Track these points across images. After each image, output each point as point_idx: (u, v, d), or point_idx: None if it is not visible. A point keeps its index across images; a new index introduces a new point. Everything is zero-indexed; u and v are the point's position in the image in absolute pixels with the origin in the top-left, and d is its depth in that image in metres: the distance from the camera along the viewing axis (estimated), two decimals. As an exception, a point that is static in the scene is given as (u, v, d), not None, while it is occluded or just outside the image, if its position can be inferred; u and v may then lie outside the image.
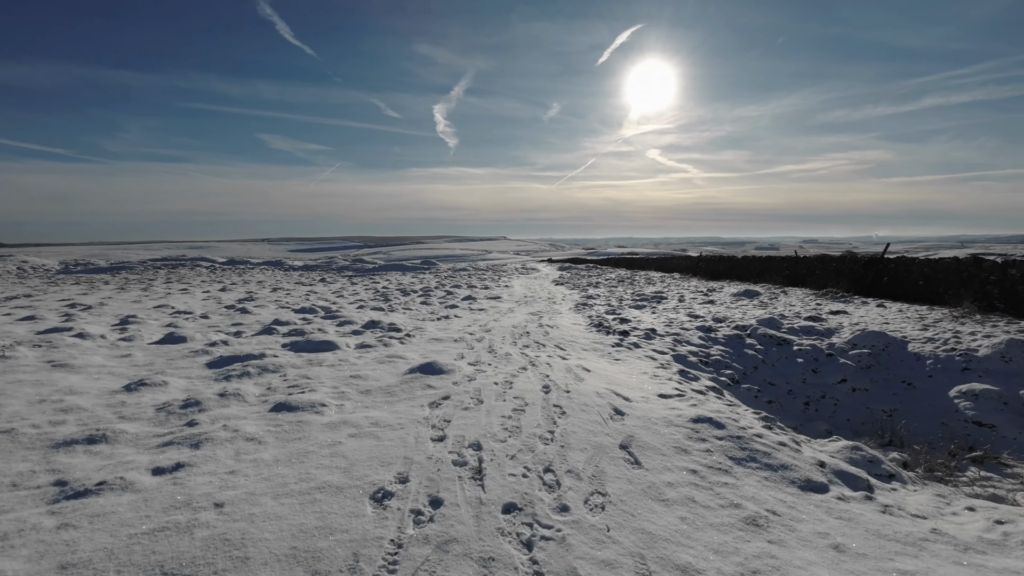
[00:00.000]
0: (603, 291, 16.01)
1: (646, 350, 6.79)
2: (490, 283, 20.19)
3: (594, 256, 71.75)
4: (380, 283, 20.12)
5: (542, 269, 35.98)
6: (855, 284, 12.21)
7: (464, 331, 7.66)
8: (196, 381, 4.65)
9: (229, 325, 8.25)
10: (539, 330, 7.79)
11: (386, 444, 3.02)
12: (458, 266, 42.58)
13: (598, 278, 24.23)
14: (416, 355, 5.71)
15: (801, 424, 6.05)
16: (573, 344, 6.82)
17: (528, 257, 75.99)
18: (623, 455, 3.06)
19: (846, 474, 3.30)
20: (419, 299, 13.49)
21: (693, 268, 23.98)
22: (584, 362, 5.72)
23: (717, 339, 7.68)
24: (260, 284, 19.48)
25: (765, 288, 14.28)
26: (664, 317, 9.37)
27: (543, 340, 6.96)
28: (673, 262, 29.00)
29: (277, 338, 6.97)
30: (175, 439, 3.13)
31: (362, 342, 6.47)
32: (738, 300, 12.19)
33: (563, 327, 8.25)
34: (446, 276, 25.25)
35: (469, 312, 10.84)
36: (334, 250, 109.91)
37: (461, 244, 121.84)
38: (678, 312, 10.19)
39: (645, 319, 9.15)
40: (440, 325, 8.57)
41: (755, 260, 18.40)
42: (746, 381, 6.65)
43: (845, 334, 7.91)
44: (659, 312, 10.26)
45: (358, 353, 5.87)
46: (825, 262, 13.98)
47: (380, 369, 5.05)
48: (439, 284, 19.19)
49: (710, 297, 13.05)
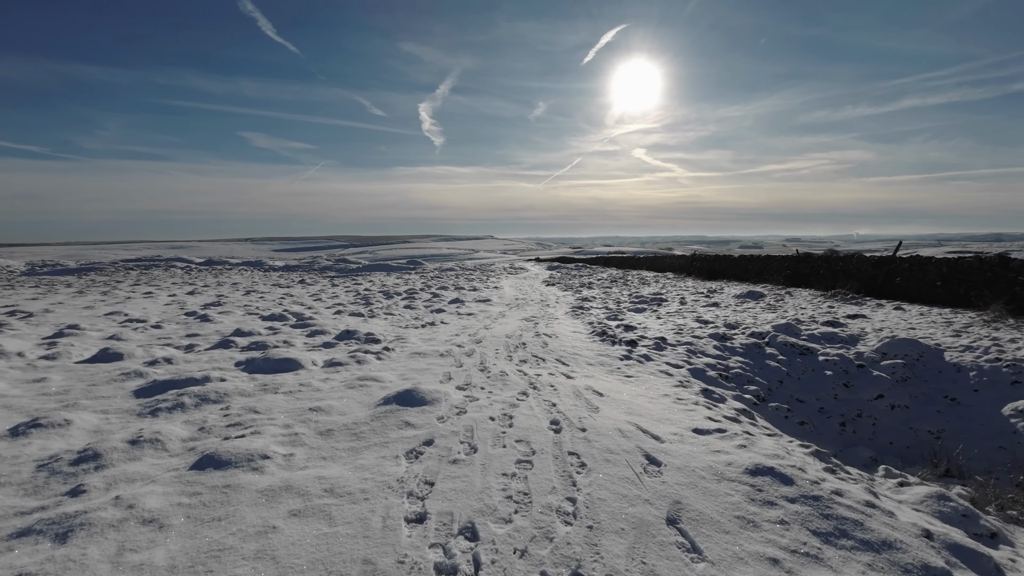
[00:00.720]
0: (598, 292, 15.21)
1: (659, 364, 5.97)
2: (478, 284, 19.27)
3: (582, 255, 71.19)
4: (363, 285, 19.06)
5: (531, 269, 35.17)
6: (865, 285, 11.57)
7: (451, 342, 6.75)
8: (111, 418, 3.67)
9: (182, 337, 7.21)
10: (536, 340, 6.91)
11: (340, 533, 2.11)
12: (445, 266, 41.50)
13: (590, 278, 23.46)
14: (394, 376, 4.79)
15: (842, 450, 5.28)
16: (576, 358, 5.96)
17: (516, 256, 75.03)
18: (675, 537, 2.20)
19: (960, 548, 2.49)
20: (403, 302, 12.52)
21: (687, 268, 23.33)
22: (593, 381, 4.86)
23: (734, 349, 6.89)
24: (234, 286, 18.28)
25: (768, 289, 13.61)
26: (671, 323, 8.56)
27: (542, 353, 6.09)
28: (666, 261, 28.36)
29: (233, 353, 5.99)
30: (36, 525, 2.19)
31: (332, 359, 5.52)
32: (743, 302, 11.47)
33: (562, 336, 7.39)
34: (432, 277, 24.25)
35: (457, 318, 9.93)
36: (319, 250, 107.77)
37: (448, 244, 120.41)
38: (683, 316, 9.41)
39: (651, 325, 8.33)
40: (425, 334, 7.64)
41: (754, 259, 17.76)
42: (773, 398, 5.86)
43: (871, 341, 7.19)
44: (663, 317, 9.47)
45: (325, 374, 4.92)
46: (831, 262, 13.34)
47: (348, 398, 4.12)
48: (425, 286, 18.21)
49: (712, 299, 12.32)
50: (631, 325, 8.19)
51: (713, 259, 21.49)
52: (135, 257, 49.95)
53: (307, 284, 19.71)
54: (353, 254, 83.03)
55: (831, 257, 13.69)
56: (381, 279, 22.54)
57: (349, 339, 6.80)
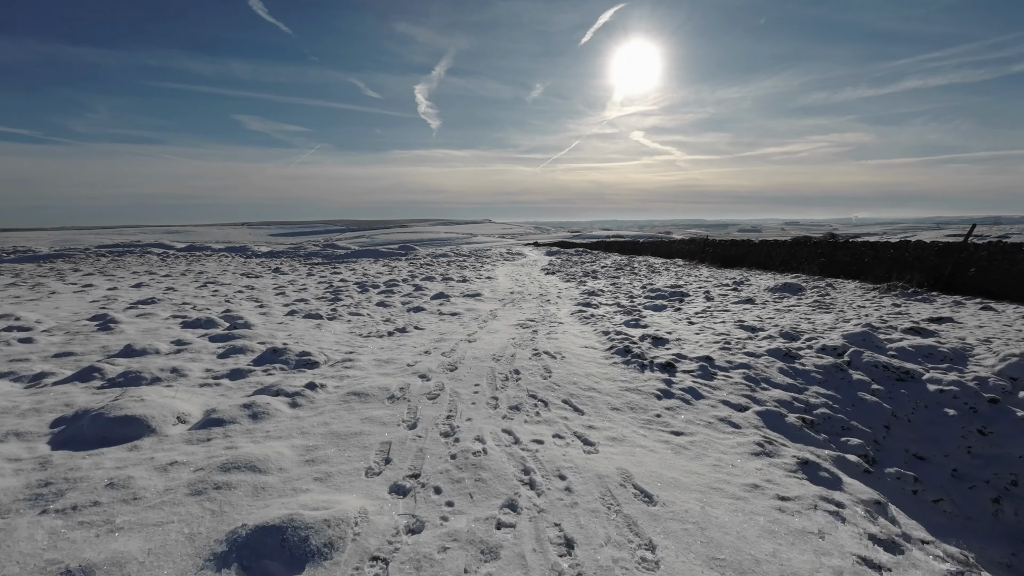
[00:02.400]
0: (604, 283, 13.29)
1: (714, 403, 4.09)
2: (470, 273, 17.30)
3: (580, 239, 68.95)
4: (342, 274, 17.10)
5: (529, 254, 33.19)
6: (927, 276, 9.67)
7: (416, 368, 4.85)
8: None
9: (42, 359, 5.29)
10: (535, 364, 5.01)
11: None
12: (439, 251, 39.39)
13: (592, 265, 21.53)
14: (288, 458, 2.86)
15: (1017, 552, 3.44)
16: (594, 398, 4.06)
17: (513, 240, 72.80)
18: None
19: None
20: (378, 297, 10.59)
21: (699, 253, 21.36)
22: (628, 457, 2.97)
23: (807, 373, 5.00)
24: (197, 276, 16.30)
25: (804, 280, 11.68)
26: (707, 330, 6.66)
27: (543, 390, 4.19)
28: (673, 246, 26.34)
29: (74, 395, 4.06)
30: None
31: (214, 409, 3.57)
32: (782, 298, 9.57)
33: (570, 354, 5.48)
34: (422, 264, 22.27)
35: (437, 320, 8.01)
36: (316, 234, 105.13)
37: (446, 228, 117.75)
38: (717, 318, 7.51)
39: (684, 335, 6.43)
40: (385, 351, 5.74)
41: (779, 245, 15.78)
42: (884, 457, 3.98)
43: (987, 359, 5.30)
44: (693, 320, 7.56)
45: (173, 454, 2.98)
46: (878, 249, 11.39)
47: (165, 546, 2.22)
48: (410, 275, 16.25)
49: (742, 293, 10.41)
50: (659, 336, 6.27)
51: (728, 244, 19.51)
52: (116, 243, 47.65)
53: (281, 273, 17.74)
54: (349, 239, 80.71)
55: (878, 244, 11.74)
56: (364, 267, 20.56)
57: (273, 363, 4.89)
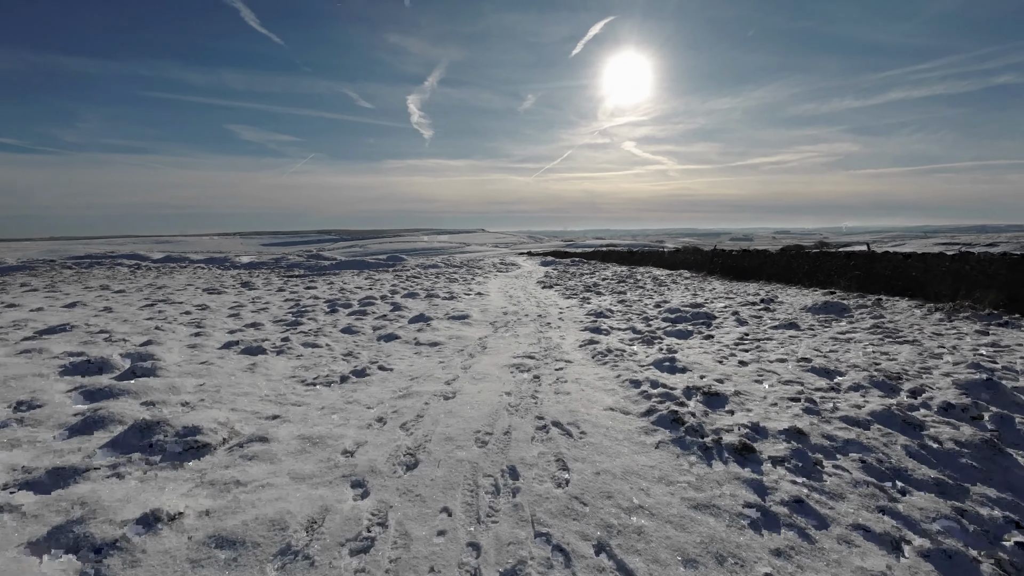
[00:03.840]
0: (610, 300, 11.63)
1: (848, 538, 2.42)
2: (459, 287, 15.58)
3: (574, 248, 67.43)
4: (317, 288, 15.33)
5: (523, 264, 31.54)
6: (1002, 295, 8.11)
7: (351, 464, 3.14)
8: None
9: None
10: (541, 451, 3.30)
11: None
12: (429, 262, 37.60)
13: (592, 277, 19.90)
14: None
15: None
16: (646, 534, 2.36)
17: (507, 250, 71.14)
18: None
19: None
20: (347, 320, 8.85)
21: (707, 264, 19.79)
22: None
23: (950, 456, 3.33)
24: (153, 292, 14.43)
25: (842, 297, 10.09)
26: (771, 376, 4.99)
27: (558, 518, 2.49)
28: (678, 256, 24.79)
29: None
30: None
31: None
32: (829, 321, 7.97)
33: (591, 426, 3.77)
34: (408, 277, 20.51)
35: (411, 354, 6.31)
36: (309, 243, 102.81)
37: (440, 237, 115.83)
38: (767, 351, 5.87)
39: (740, 382, 4.75)
40: (326, 410, 4.02)
41: (801, 256, 14.26)
42: None
43: None
44: (734, 350, 5.91)
45: None
46: (928, 262, 9.85)
47: None
48: (392, 291, 14.52)
49: (776, 313, 8.81)
50: (711, 388, 4.57)
51: (740, 255, 18.00)
52: (88, 253, 45.31)
53: (249, 289, 15.91)
54: (342, 248, 78.60)
55: (928, 256, 10.21)
56: (344, 280, 18.77)
57: (135, 450, 3.15)
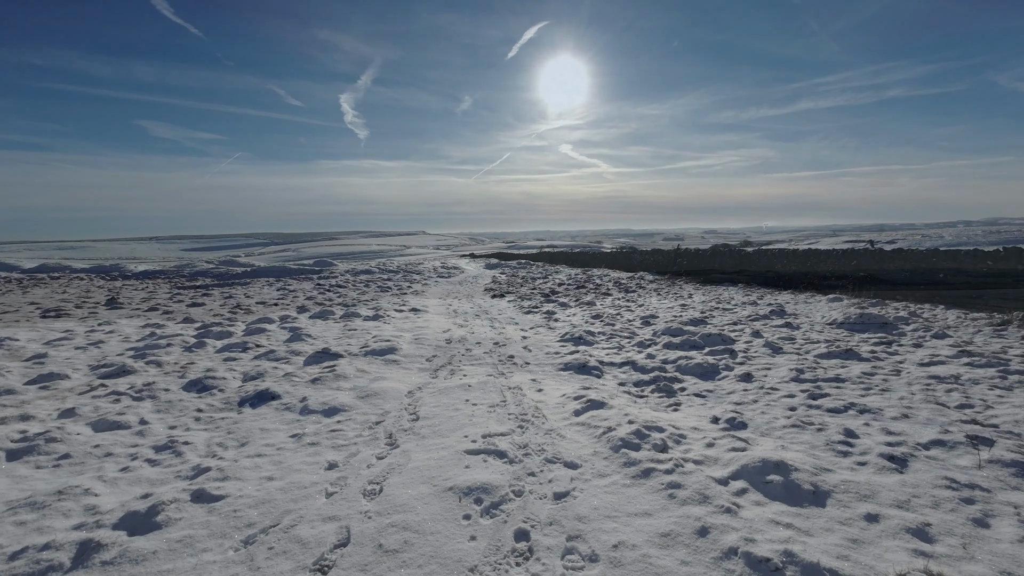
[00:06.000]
0: (581, 316, 9.19)
1: None
2: (389, 302, 12.50)
3: (517, 250, 65.20)
4: (203, 307, 11.69)
5: (467, 267, 28.71)
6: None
7: None
8: None
9: None
10: None
11: None
12: (362, 267, 33.64)
13: (547, 282, 17.54)
14: None
15: None
16: None
17: (448, 252, 67.66)
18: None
19: None
20: (207, 362, 5.65)
21: (671, 266, 18.06)
22: None
23: None
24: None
25: (863, 304, 8.26)
26: (873, 458, 2.63)
27: None
28: (634, 258, 23.09)
29: None
30: None
31: None
32: (890, 342, 5.95)
33: None
34: (331, 287, 17.05)
35: (282, 441, 3.36)
36: (236, 248, 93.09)
37: (379, 240, 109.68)
38: (879, 416, 3.60)
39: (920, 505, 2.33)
40: None
41: (786, 255, 12.55)
42: None
43: None
44: (812, 408, 3.58)
45: None
46: (960, 259, 8.24)
47: None
48: (301, 308, 11.24)
49: (805, 331, 6.72)
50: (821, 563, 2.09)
51: (710, 255, 16.29)
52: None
53: (111, 308, 11.90)
54: (272, 252, 71.33)
55: (959, 253, 8.62)
56: (245, 294, 15.05)
57: None
